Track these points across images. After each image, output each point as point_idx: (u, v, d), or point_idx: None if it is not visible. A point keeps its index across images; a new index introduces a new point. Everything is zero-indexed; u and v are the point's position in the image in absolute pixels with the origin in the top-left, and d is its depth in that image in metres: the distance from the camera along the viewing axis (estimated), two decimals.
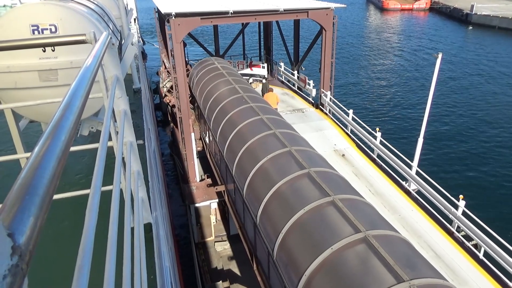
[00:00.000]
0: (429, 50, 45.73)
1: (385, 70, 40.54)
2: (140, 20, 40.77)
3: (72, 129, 1.05)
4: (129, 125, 3.21)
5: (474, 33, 56.46)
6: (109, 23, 6.82)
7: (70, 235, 4.45)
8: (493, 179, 20.66)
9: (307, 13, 16.09)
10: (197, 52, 36.79)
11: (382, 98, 32.47)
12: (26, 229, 0.64)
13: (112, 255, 1.51)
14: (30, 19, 4.91)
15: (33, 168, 0.79)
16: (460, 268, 9.09)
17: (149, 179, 5.29)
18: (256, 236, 8.76)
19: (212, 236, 16.03)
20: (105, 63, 2.83)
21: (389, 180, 12.52)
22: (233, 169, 10.09)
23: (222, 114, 12.27)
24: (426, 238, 10.00)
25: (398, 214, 10.91)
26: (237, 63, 23.55)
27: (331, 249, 5.97)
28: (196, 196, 15.58)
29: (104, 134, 1.90)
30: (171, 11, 13.97)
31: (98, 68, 1.83)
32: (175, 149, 20.52)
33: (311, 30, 38.46)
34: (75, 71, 4.90)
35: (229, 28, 52.08)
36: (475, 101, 31.04)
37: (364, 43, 53.97)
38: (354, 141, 15.07)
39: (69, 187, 5.40)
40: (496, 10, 61.56)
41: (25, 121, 5.93)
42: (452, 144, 24.24)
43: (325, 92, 17.55)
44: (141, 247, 2.58)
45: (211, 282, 13.58)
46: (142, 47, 26.91)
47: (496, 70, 38.62)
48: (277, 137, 9.67)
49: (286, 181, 7.92)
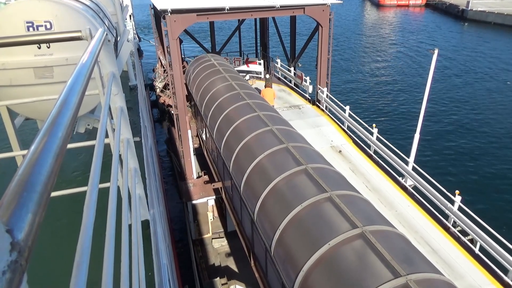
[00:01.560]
0: (425, 46, 45.80)
1: (381, 67, 40.59)
2: (135, 17, 40.53)
3: (69, 126, 1.05)
4: (126, 122, 3.19)
5: (470, 29, 56.61)
6: (104, 19, 6.78)
7: (67, 232, 4.44)
8: (489, 175, 20.79)
9: (304, 9, 16.06)
10: (193, 49, 36.66)
11: (379, 94, 32.53)
12: (25, 225, 0.64)
13: (110, 252, 1.51)
14: (24, 15, 4.87)
15: (31, 164, 0.79)
16: (456, 263, 9.16)
17: (146, 176, 5.28)
18: (254, 233, 8.77)
19: (210, 233, 16.04)
20: (101, 60, 2.81)
21: (386, 176, 12.57)
22: (230, 166, 10.09)
23: (218, 111, 12.26)
24: (423, 234, 10.07)
25: (394, 209, 10.97)
26: (234, 60, 23.49)
27: (329, 244, 6.00)
28: (193, 193, 15.58)
29: (101, 131, 1.89)
30: (167, 8, 13.90)
31: (94, 64, 1.82)
32: (172, 146, 20.49)
33: (308, 26, 38.40)
34: (71, 68, 4.87)
35: (226, 24, 51.92)
36: (472, 96, 31.16)
37: (360, 39, 53.98)
38: (350, 137, 15.10)
39: (66, 185, 5.38)
40: (491, 6, 61.73)
41: (20, 118, 5.90)
42: (448, 139, 24.35)
43: (322, 88, 17.55)
44: (139, 244, 2.58)
45: (209, 279, 13.60)
46: (138, 44, 26.76)
47: (492, 66, 38.76)
48: (274, 134, 9.68)
49: (283, 177, 7.93)
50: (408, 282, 5.14)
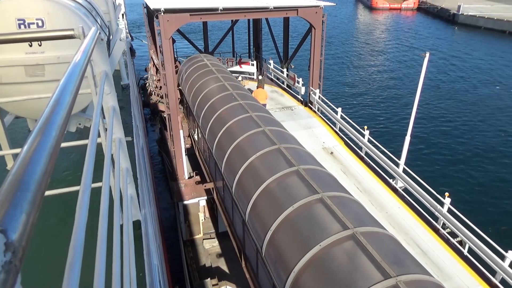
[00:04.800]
0: (417, 50, 46.25)
1: (373, 69, 40.88)
2: (128, 16, 40.27)
3: (63, 125, 1.04)
4: (118, 122, 3.18)
5: (461, 33, 57.29)
6: (97, 18, 6.72)
7: (58, 232, 4.40)
8: (478, 177, 21.04)
9: (297, 11, 16.12)
10: (186, 49, 36.55)
11: (371, 96, 32.75)
12: (19, 225, 0.63)
13: (102, 252, 1.50)
14: (16, 13, 4.80)
15: (24, 164, 0.78)
16: (445, 264, 9.25)
17: (138, 176, 5.25)
18: (245, 233, 8.77)
19: (201, 234, 15.99)
20: (94, 58, 2.79)
21: (377, 178, 12.66)
22: (222, 167, 10.08)
23: (211, 111, 12.23)
24: (413, 235, 10.15)
25: (385, 211, 11.05)
26: (227, 60, 23.48)
27: (320, 246, 6.02)
28: (185, 193, 15.52)
29: (94, 131, 1.88)
30: (160, 7, 13.85)
31: (87, 63, 1.81)
32: (164, 146, 20.40)
33: (300, 29, 38.54)
34: (62, 66, 4.81)
35: (221, 24, 51.84)
36: (462, 100, 31.53)
37: (353, 41, 54.31)
38: (342, 139, 15.18)
39: (56, 184, 5.33)
40: (482, 10, 62.55)
41: (10, 117, 5.81)
42: (438, 142, 24.60)
43: (314, 90, 17.62)
44: (130, 245, 2.56)
45: (200, 280, 13.55)
46: (131, 43, 26.59)
47: (482, 70, 39.26)
48: (266, 135, 9.69)
49: (275, 178, 7.94)
50: (398, 283, 5.18)
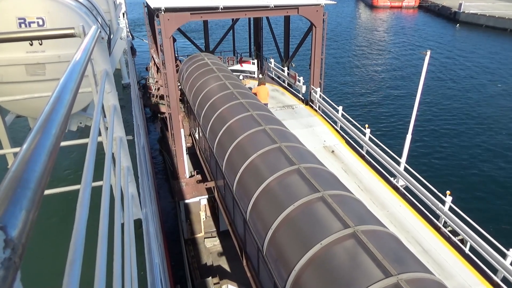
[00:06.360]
0: (418, 48, 46.16)
1: (374, 67, 40.82)
2: (129, 15, 40.27)
3: (63, 123, 1.04)
4: (119, 120, 3.17)
5: (462, 31, 57.16)
6: (97, 17, 6.72)
7: (59, 230, 4.40)
8: (480, 175, 21.02)
9: (297, 9, 16.10)
10: (187, 48, 36.53)
11: (371, 95, 32.71)
12: (19, 222, 0.63)
13: (103, 251, 1.51)
14: (16, 11, 4.80)
15: (24, 161, 0.78)
16: (446, 263, 9.25)
17: (139, 175, 5.25)
18: (246, 232, 8.77)
19: (202, 233, 16.01)
20: (95, 57, 2.79)
21: (378, 176, 12.65)
22: (223, 165, 10.08)
23: (212, 110, 12.23)
24: (414, 234, 10.15)
25: (386, 209, 11.04)
26: (227, 59, 23.47)
27: (320, 244, 6.02)
28: (186, 192, 15.53)
29: (94, 129, 1.88)
30: (161, 6, 13.84)
31: (87, 62, 1.81)
32: (165, 145, 20.41)
33: (301, 28, 38.50)
34: (63, 65, 4.81)
35: (221, 22, 51.82)
36: (463, 98, 31.47)
37: (354, 40, 54.24)
38: (343, 137, 15.17)
39: (57, 183, 5.33)
40: (483, 8, 62.41)
41: (11, 116, 5.82)
42: (439, 140, 24.58)
43: (315, 88, 17.61)
44: (131, 243, 2.56)
45: (201, 279, 13.57)
46: (131, 42, 26.58)
47: (483, 67, 39.18)
48: (267, 133, 9.68)
49: (276, 177, 7.94)
50: (399, 282, 5.18)
